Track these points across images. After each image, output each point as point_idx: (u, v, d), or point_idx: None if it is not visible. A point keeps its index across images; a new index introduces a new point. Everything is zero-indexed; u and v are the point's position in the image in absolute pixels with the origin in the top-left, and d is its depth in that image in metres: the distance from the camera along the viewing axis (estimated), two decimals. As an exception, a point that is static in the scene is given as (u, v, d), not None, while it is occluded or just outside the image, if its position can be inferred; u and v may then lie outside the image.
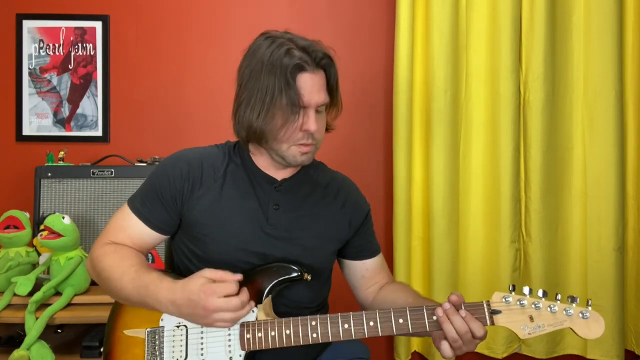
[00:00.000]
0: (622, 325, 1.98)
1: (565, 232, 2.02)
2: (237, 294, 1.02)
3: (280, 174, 1.21)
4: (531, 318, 1.01)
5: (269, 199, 1.19)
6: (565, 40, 2.00)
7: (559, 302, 1.02)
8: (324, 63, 1.12)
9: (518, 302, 1.02)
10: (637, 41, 2.01)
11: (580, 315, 1.00)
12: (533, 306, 1.02)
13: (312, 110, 1.11)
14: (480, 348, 2.04)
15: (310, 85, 1.10)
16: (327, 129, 1.21)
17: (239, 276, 1.04)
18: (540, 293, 1.02)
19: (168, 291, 1.03)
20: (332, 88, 1.15)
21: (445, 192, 1.98)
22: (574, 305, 1.01)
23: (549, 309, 1.01)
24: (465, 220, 2.04)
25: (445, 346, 1.02)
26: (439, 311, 1.02)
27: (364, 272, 1.30)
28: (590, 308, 1.00)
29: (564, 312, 1.00)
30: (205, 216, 1.15)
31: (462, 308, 1.02)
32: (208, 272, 1.03)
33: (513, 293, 1.03)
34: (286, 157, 1.14)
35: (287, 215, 1.19)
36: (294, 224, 1.19)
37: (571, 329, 1.00)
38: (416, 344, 2.09)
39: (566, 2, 1.99)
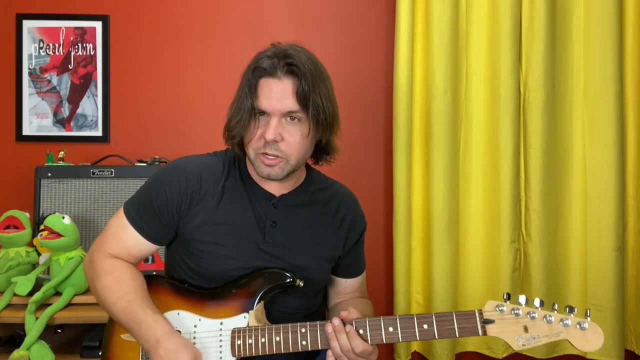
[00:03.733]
0: (622, 325, 1.97)
1: (565, 232, 2.02)
2: None
3: (278, 189, 1.19)
4: (525, 329, 0.98)
5: (266, 216, 1.17)
6: (565, 40, 2.00)
7: (555, 311, 0.98)
8: (291, 70, 1.06)
9: (512, 312, 0.99)
10: (637, 41, 2.01)
11: (578, 326, 0.96)
12: (528, 316, 0.98)
13: (275, 118, 1.07)
14: (481, 348, 2.04)
15: (273, 91, 1.07)
16: (329, 153, 1.19)
17: None
18: (537, 302, 0.99)
19: (161, 334, 1.04)
20: (303, 98, 1.06)
21: (445, 192, 1.98)
22: (571, 315, 0.97)
23: (544, 319, 0.97)
24: (465, 220, 2.04)
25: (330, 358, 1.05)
26: (328, 328, 1.04)
27: (341, 288, 1.31)
28: (589, 319, 0.97)
29: (561, 322, 0.97)
30: (201, 232, 1.14)
31: (352, 324, 1.04)
32: (199, 355, 1.05)
33: (508, 302, 1.00)
34: (256, 168, 1.12)
35: (283, 233, 1.17)
36: (291, 242, 1.18)
37: (568, 340, 0.97)
38: (416, 345, 2.09)
39: (566, 2, 1.99)
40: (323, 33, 2.14)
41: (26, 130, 2.12)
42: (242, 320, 1.10)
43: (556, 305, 0.99)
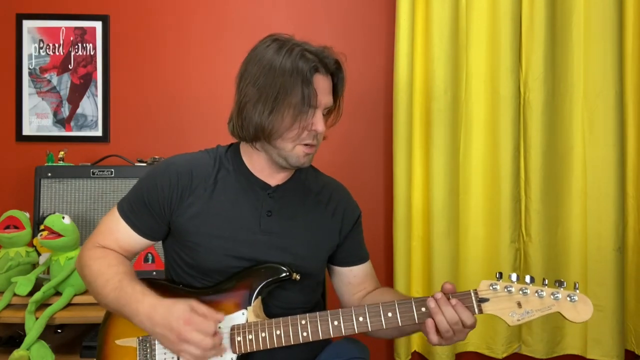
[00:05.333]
0: (622, 325, 1.98)
1: (565, 232, 2.02)
2: (215, 334, 1.00)
3: (274, 180, 1.21)
4: (519, 304, 1.01)
5: (262, 206, 1.18)
6: (565, 40, 2.00)
7: (546, 287, 1.01)
8: (334, 68, 1.15)
9: (505, 289, 1.02)
10: (637, 41, 2.01)
11: (568, 298, 0.99)
12: (520, 292, 1.01)
13: (320, 110, 1.13)
14: (480, 348, 2.04)
15: (323, 87, 1.12)
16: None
17: (221, 317, 1.03)
18: (527, 279, 1.02)
19: (149, 307, 1.03)
20: (337, 93, 1.18)
21: (445, 192, 1.98)
22: (561, 289, 1.00)
23: (536, 294, 1.00)
24: (465, 220, 2.04)
25: (432, 333, 1.02)
26: (431, 302, 1.02)
27: (350, 278, 1.30)
28: (577, 291, 1.00)
29: (552, 296, 1.00)
30: (194, 224, 1.15)
31: (451, 297, 1.03)
32: (194, 304, 1.02)
33: (500, 280, 1.03)
34: (289, 158, 1.14)
35: (279, 222, 1.18)
36: (287, 232, 1.18)
37: (560, 312, 1.00)
38: (416, 344, 2.09)
39: (566, 2, 1.99)
40: (323, 33, 2.14)
41: (26, 130, 2.12)
42: (240, 317, 1.10)
43: (546, 281, 1.02)
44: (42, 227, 1.66)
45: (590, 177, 1.99)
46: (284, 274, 1.13)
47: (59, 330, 1.77)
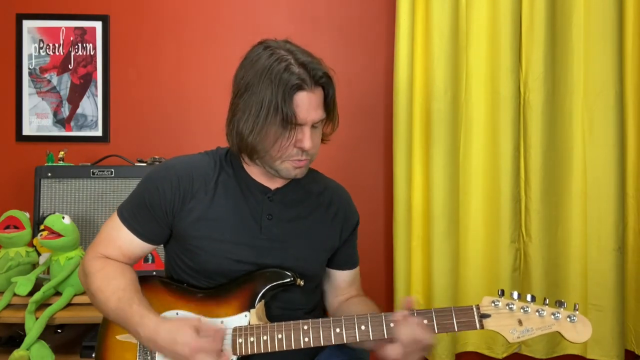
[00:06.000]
0: (622, 325, 1.97)
1: (565, 232, 2.02)
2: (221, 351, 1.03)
3: (273, 183, 1.21)
4: (520, 322, 1.03)
5: (262, 209, 1.18)
6: (565, 40, 2.00)
7: (547, 306, 1.03)
8: (323, 82, 1.10)
9: (507, 306, 1.04)
10: (637, 41, 2.01)
11: (568, 319, 1.02)
12: (522, 310, 1.04)
13: (307, 127, 1.09)
14: (480, 348, 2.04)
15: (308, 103, 1.08)
16: (322, 140, 1.20)
17: (224, 330, 1.05)
18: (528, 297, 1.04)
19: (150, 331, 1.03)
20: (329, 105, 1.13)
21: (445, 192, 1.98)
22: (561, 309, 1.03)
23: (537, 313, 1.03)
24: (465, 220, 2.04)
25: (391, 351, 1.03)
26: (398, 315, 1.04)
27: (339, 282, 1.31)
28: (577, 312, 1.02)
29: (552, 316, 1.02)
30: (196, 228, 1.15)
31: (414, 314, 1.04)
32: (198, 324, 1.03)
33: (502, 297, 1.05)
34: (280, 171, 1.13)
35: (280, 225, 1.18)
36: (287, 234, 1.18)
37: (559, 332, 1.02)
38: (416, 344, 2.08)
39: (566, 2, 1.99)
40: (323, 33, 2.14)
41: (26, 130, 2.12)
42: (243, 319, 1.10)
43: (547, 300, 1.04)
44: (42, 227, 1.66)
45: (590, 177, 1.99)
46: (288, 279, 1.13)
47: (59, 330, 1.77)
